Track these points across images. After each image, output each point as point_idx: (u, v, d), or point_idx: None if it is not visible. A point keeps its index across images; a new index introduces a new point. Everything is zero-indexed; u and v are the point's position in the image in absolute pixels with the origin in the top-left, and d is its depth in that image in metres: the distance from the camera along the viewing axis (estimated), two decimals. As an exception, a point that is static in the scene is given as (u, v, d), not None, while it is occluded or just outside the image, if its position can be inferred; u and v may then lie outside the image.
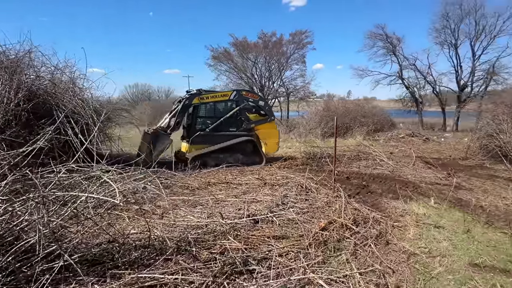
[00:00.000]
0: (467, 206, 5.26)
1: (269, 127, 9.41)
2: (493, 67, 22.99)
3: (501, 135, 8.95)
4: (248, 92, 9.54)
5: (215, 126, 8.66)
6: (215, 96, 8.85)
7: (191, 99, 8.45)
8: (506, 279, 3.07)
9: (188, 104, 8.46)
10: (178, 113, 8.34)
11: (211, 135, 8.62)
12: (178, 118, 8.36)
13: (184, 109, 8.45)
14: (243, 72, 34.53)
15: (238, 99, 8.89)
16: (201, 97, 8.50)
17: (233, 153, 8.80)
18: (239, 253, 3.28)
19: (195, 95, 8.47)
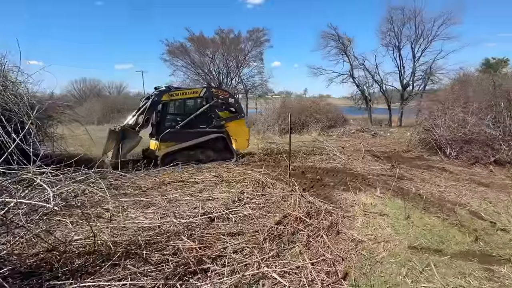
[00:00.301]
0: (407, 194, 5.75)
1: (239, 124, 9.44)
2: (430, 68, 25.43)
3: (436, 129, 9.93)
4: (218, 89, 9.54)
5: (185, 123, 8.54)
6: (185, 93, 8.73)
7: (160, 95, 8.23)
8: (438, 258, 3.41)
9: (157, 101, 8.23)
10: (146, 110, 8.06)
11: (181, 132, 8.46)
12: (147, 115, 8.09)
13: (153, 106, 8.19)
14: (201, 68, 33.85)
15: (208, 96, 8.83)
16: (170, 94, 8.33)
17: (204, 150, 8.76)
18: (193, 252, 3.20)
19: (164, 92, 8.29)
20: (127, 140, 7.69)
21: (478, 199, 5.57)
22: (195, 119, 8.66)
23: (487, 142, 8.63)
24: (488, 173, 7.61)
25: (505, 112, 8.84)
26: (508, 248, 3.67)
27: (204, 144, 8.71)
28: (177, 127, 8.46)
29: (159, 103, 8.32)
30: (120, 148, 7.43)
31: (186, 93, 8.75)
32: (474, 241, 3.82)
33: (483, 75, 12.87)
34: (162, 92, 8.31)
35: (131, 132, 7.86)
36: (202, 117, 8.77)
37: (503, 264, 3.32)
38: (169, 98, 8.36)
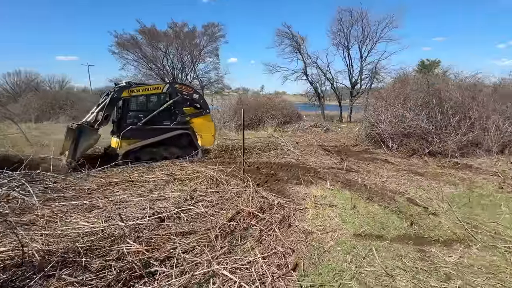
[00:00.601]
0: (354, 186, 6.12)
1: (204, 120, 9.31)
2: (375, 67, 27.38)
3: (380, 124, 10.71)
4: (182, 85, 9.23)
5: (148, 120, 8.27)
6: (147, 89, 8.43)
7: (120, 92, 7.90)
8: (380, 243, 3.68)
9: (117, 97, 7.91)
10: (106, 107, 7.75)
11: (143, 129, 8.20)
12: (107, 112, 7.78)
13: (112, 102, 7.88)
14: (153, 62, 32.32)
15: (172, 92, 8.64)
16: (131, 89, 8.02)
17: (168, 147, 8.58)
18: (140, 255, 3.03)
19: (124, 88, 7.95)
20: (84, 138, 7.33)
21: (414, 187, 6.12)
22: (158, 116, 8.45)
23: (422, 135, 9.53)
24: (423, 163, 8.43)
25: (436, 108, 9.84)
26: (437, 229, 4.09)
27: (168, 141, 8.54)
28: (139, 124, 8.17)
29: (119, 99, 8.02)
30: (76, 147, 7.10)
31: (148, 89, 8.47)
32: (410, 226, 4.19)
33: (419, 75, 14.17)
34: (122, 88, 7.96)
35: (88, 129, 7.49)
36: (166, 113, 8.59)
37: (433, 245, 3.69)
38: (130, 94, 8.06)
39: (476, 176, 6.98)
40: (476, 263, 3.24)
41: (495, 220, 4.38)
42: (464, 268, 3.15)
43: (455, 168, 7.84)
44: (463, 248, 3.57)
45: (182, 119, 8.80)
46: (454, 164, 8.16)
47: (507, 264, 3.19)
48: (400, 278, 2.96)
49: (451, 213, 4.65)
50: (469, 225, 4.19)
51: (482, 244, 3.65)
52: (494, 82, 12.19)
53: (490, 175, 7.03)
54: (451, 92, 10.19)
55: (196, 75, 34.29)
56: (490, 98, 10.48)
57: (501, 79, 12.34)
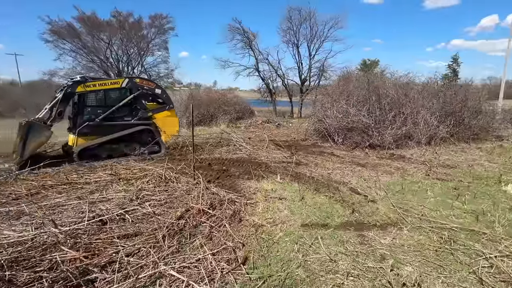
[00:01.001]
0: (303, 178, 6.38)
1: (168, 115, 9.09)
2: (322, 65, 28.81)
3: (327, 120, 11.32)
4: (142, 80, 8.88)
5: (107, 116, 8.04)
6: (104, 83, 8.16)
7: (74, 87, 7.62)
8: (324, 231, 3.89)
9: (71, 92, 7.62)
10: (59, 102, 7.46)
11: (102, 125, 7.97)
12: (60, 108, 7.49)
13: (66, 97, 7.60)
14: (95, 53, 29.80)
15: (132, 86, 8.39)
16: (86, 84, 7.73)
17: (129, 144, 8.42)
18: (77, 263, 2.79)
19: (78, 83, 7.67)
20: (33, 135, 6.95)
21: (356, 177, 6.60)
22: (118, 111, 8.25)
23: (363, 129, 10.30)
24: (365, 155, 9.12)
25: (375, 104, 10.71)
26: (375, 215, 4.47)
27: (129, 137, 8.30)
28: (97, 120, 7.91)
29: (73, 94, 7.71)
30: (25, 144, 6.79)
31: (106, 83, 8.19)
32: (352, 213, 4.51)
33: (360, 73, 15.26)
34: (76, 82, 7.67)
35: (38, 126, 7.14)
36: (126, 109, 8.41)
37: (371, 229, 4.01)
38: (85, 89, 7.74)
39: (408, 165, 7.77)
40: (406, 243, 3.61)
41: (422, 204, 4.92)
42: (396, 248, 3.49)
43: (391, 158, 8.63)
44: (396, 230, 3.95)
45: (144, 114, 8.60)
46: (390, 155, 8.98)
47: (430, 242, 3.61)
48: (342, 262, 3.17)
49: (387, 200, 5.11)
50: (401, 210, 4.65)
51: (411, 226, 4.08)
52: (423, 81, 13.63)
53: (419, 164, 7.88)
54: (387, 89, 11.15)
55: (144, 69, 32.55)
56: (420, 95, 11.70)
57: (428, 78, 13.83)
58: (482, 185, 5.94)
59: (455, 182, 6.17)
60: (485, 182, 6.14)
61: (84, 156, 7.67)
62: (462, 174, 6.83)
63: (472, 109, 11.82)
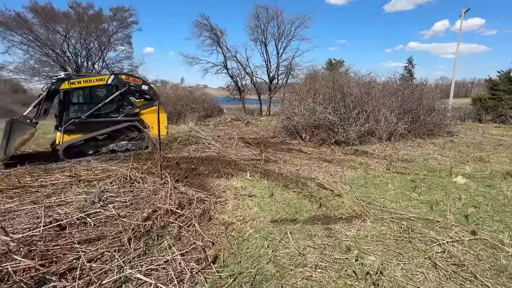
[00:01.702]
0: (272, 175, 6.46)
1: (155, 111, 8.83)
2: (290, 64, 29.35)
3: (295, 117, 11.56)
4: (128, 76, 8.75)
5: (93, 113, 7.99)
6: (89, 80, 8.00)
7: (58, 84, 7.54)
8: (293, 226, 3.98)
9: (55, 89, 7.55)
10: (44, 100, 7.41)
11: (88, 122, 7.92)
12: (45, 105, 7.46)
13: (50, 95, 7.54)
14: (50, 47, 27.67)
15: (118, 83, 8.34)
16: (71, 81, 7.65)
17: (117, 140, 8.34)
18: (31, 272, 2.58)
19: (62, 80, 7.59)
20: (16, 132, 6.89)
21: (323, 173, 6.82)
22: (104, 108, 8.23)
23: (330, 126, 10.66)
24: (331, 152, 9.45)
25: (340, 102, 11.12)
26: (340, 209, 4.65)
27: (116, 134, 8.21)
28: (83, 117, 7.85)
29: (58, 92, 7.68)
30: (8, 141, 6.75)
31: (91, 80, 8.05)
32: (319, 207, 4.66)
33: (326, 73, 15.75)
34: (60, 80, 7.61)
35: (21, 123, 7.02)
36: (113, 105, 8.38)
37: (337, 222, 4.18)
38: (70, 86, 7.66)
39: (371, 160, 8.19)
40: (369, 233, 3.80)
41: (384, 196, 5.22)
42: (360, 239, 3.66)
43: (355, 154, 9.03)
44: (360, 222, 4.14)
45: (131, 111, 8.57)
46: (354, 151, 9.40)
47: (391, 232, 3.84)
48: (310, 255, 3.26)
49: (352, 193, 5.34)
50: (365, 202, 4.89)
51: (374, 217, 4.31)
52: (383, 81, 14.42)
53: (381, 159, 8.34)
54: (351, 88, 11.63)
55: (106, 64, 30.91)
56: (381, 94, 12.36)
57: (388, 78, 14.67)
58: (436, 177, 6.43)
59: (412, 175, 6.61)
60: (438, 175, 6.65)
61: (70, 154, 7.62)
62: (418, 168, 7.34)
63: (427, 107, 12.75)
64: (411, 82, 17.28)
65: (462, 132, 13.61)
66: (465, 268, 3.00)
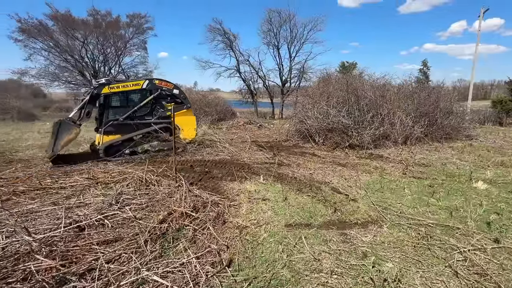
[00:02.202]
0: (285, 179, 6.44)
1: (185, 114, 9.70)
2: (303, 67, 29.26)
3: (308, 120, 11.48)
4: (161, 81, 9.31)
5: (129, 115, 8.62)
6: (126, 85, 8.70)
7: (99, 89, 8.23)
8: (308, 231, 3.94)
9: (97, 93, 8.22)
10: (87, 104, 8.08)
11: (125, 124, 8.54)
12: (87, 109, 8.12)
13: (93, 99, 8.22)
14: (69, 53, 28.59)
15: (152, 88, 8.97)
16: (110, 86, 8.33)
17: (150, 141, 8.84)
18: (53, 272, 2.66)
19: (104, 85, 8.27)
20: (63, 132, 7.52)
21: (337, 177, 6.73)
22: (140, 111, 8.82)
23: (343, 130, 10.54)
24: (345, 155, 9.34)
25: (354, 105, 10.99)
26: (356, 214, 4.57)
27: (150, 135, 8.76)
28: (121, 119, 8.45)
29: (99, 96, 8.29)
30: (56, 140, 7.35)
31: (128, 85, 8.72)
32: (334, 212, 4.60)
33: (340, 75, 15.61)
34: (102, 85, 8.27)
35: (68, 124, 7.64)
36: (147, 108, 8.98)
37: (353, 227, 4.11)
38: (110, 91, 8.32)
39: (386, 164, 8.03)
40: (386, 240, 3.72)
41: (400, 201, 5.11)
42: (377, 245, 3.59)
43: (370, 158, 8.89)
44: (376, 228, 4.06)
45: (163, 113, 9.19)
46: (369, 155, 9.24)
47: (409, 238, 3.75)
48: (325, 261, 3.22)
49: (367, 198, 5.25)
50: (381, 207, 4.80)
51: (391, 223, 4.21)
52: (398, 83, 14.17)
53: (396, 163, 8.17)
54: (365, 91, 11.47)
55: (122, 69, 31.67)
56: (396, 96, 12.14)
57: (403, 80, 14.40)
58: (455, 183, 6.24)
59: (430, 180, 6.44)
60: (457, 180, 6.45)
61: (109, 153, 8.22)
62: (436, 172, 7.15)
63: (444, 110, 12.42)
64: (427, 84, 16.89)
65: (482, 136, 13.17)
66: (489, 277, 2.89)
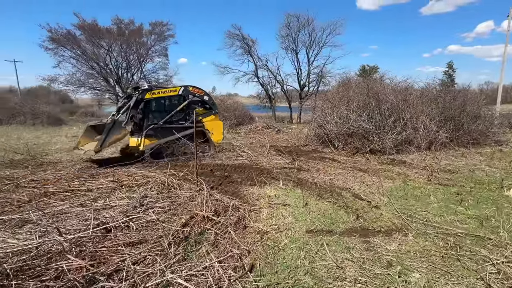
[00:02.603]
0: (305, 184, 6.38)
1: (213, 119, 10.17)
2: (321, 71, 29.02)
3: (327, 125, 11.36)
4: (194, 88, 9.81)
5: (167, 120, 8.97)
6: (165, 91, 9.16)
7: (143, 94, 8.56)
8: (330, 238, 3.88)
9: (141, 99, 8.55)
10: (131, 108, 8.35)
11: (163, 128, 8.86)
12: (132, 113, 8.38)
13: (137, 103, 8.51)
14: (95, 60, 29.87)
15: (186, 94, 9.43)
16: (152, 92, 8.70)
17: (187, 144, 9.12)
18: (83, 272, 2.76)
19: (147, 90, 8.63)
20: (114, 132, 7.96)
21: (358, 183, 6.60)
22: (175, 116, 9.20)
23: (364, 135, 10.33)
24: (366, 161, 9.14)
25: (375, 110, 10.76)
26: (379, 221, 4.46)
27: (187, 138, 9.12)
28: (160, 123, 8.81)
29: (143, 101, 8.59)
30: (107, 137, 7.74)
31: (167, 91, 9.17)
32: (356, 219, 4.50)
33: (360, 79, 15.35)
34: (145, 90, 8.63)
35: (120, 124, 8.08)
36: (181, 113, 9.38)
37: (376, 235, 4.01)
38: (152, 96, 8.68)
39: (410, 170, 7.79)
40: (412, 249, 3.60)
41: (426, 209, 4.93)
42: (402, 254, 3.48)
43: (392, 164, 8.65)
44: (401, 236, 3.94)
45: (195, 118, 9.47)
46: (391, 161, 9.00)
47: (436, 248, 3.61)
48: (349, 269, 3.16)
49: (390, 205, 5.11)
50: (405, 215, 4.65)
51: (416, 232, 4.07)
52: (421, 87, 13.74)
53: (420, 169, 7.90)
54: (387, 95, 11.21)
55: (144, 75, 32.67)
56: (419, 100, 11.78)
57: (426, 84, 13.96)
58: (484, 190, 5.96)
59: (457, 187, 6.18)
60: (487, 187, 6.15)
61: (153, 155, 8.57)
62: (463, 179, 6.85)
63: (471, 114, 11.90)
64: (452, 87, 16.28)
65: (513, 141, 12.51)
66: (525, 292, 2.73)
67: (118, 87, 31.39)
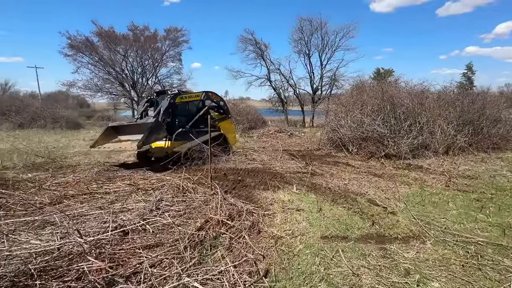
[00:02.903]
0: (319, 189, 6.33)
1: (228, 124, 10.67)
2: (334, 75, 28.83)
3: (341, 129, 11.26)
4: (212, 94, 10.24)
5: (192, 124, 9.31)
6: (191, 96, 9.58)
7: (174, 98, 8.92)
8: (345, 244, 3.84)
9: (173, 103, 8.90)
10: (163, 112, 8.62)
11: (186, 132, 9.09)
12: (164, 116, 8.62)
13: (168, 108, 8.77)
14: (111, 66, 30.76)
15: (206, 99, 9.87)
16: (181, 96, 9.12)
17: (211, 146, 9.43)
18: (102, 273, 2.84)
19: (177, 95, 9.03)
20: (156, 131, 8.06)
21: (373, 188, 6.50)
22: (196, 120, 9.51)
23: (379, 139, 10.18)
24: (380, 165, 8.99)
25: (390, 113, 10.59)
26: (395, 228, 4.38)
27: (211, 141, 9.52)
28: (187, 127, 9.15)
29: (175, 105, 8.98)
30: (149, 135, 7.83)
31: (192, 96, 9.61)
32: (372, 225, 4.44)
33: (374, 83, 15.16)
34: (176, 95, 9.02)
35: (161, 125, 8.28)
36: (201, 118, 9.63)
37: (393, 242, 3.93)
38: (181, 101, 9.08)
39: (427, 176, 7.61)
40: (430, 257, 3.52)
41: (444, 216, 4.80)
42: (420, 262, 3.40)
43: (408, 169, 8.47)
44: (419, 244, 3.85)
45: (213, 122, 9.90)
46: (407, 165, 8.82)
47: (456, 256, 3.51)
48: (365, 276, 3.11)
49: (407, 212, 5.01)
50: (423, 222, 4.54)
51: (435, 239, 3.97)
52: (438, 90, 13.43)
53: (438, 174, 7.70)
54: (402, 98, 11.02)
55: (158, 80, 33.36)
56: (436, 104, 11.52)
57: (443, 86, 13.62)
58: (507, 197, 5.75)
59: (477, 194, 6.00)
60: (509, 194, 5.94)
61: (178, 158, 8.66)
62: (484, 185, 6.64)
63: (491, 117, 11.55)
64: (471, 90, 15.84)
65: (536, 146, 12.02)
66: (552, 305, 2.62)
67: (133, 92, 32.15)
